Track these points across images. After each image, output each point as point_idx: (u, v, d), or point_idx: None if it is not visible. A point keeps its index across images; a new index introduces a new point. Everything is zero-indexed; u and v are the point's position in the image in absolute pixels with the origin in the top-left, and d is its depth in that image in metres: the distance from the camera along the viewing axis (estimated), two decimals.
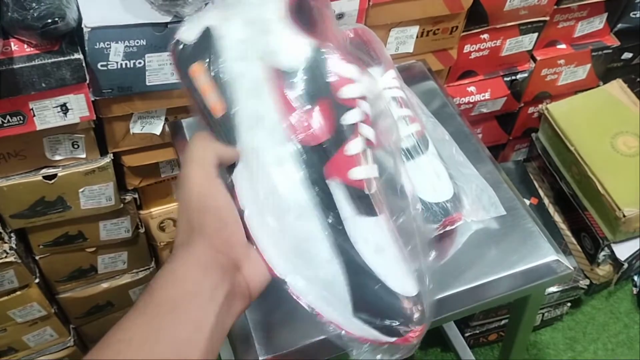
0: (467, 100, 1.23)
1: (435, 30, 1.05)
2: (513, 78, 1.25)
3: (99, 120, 0.90)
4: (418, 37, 1.04)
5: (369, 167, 0.50)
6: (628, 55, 1.39)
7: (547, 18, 1.17)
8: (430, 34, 1.05)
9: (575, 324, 1.44)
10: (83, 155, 0.93)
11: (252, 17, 0.51)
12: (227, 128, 0.50)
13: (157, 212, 1.11)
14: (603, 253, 1.30)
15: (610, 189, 1.21)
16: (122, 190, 1.03)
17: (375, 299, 0.48)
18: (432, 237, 0.69)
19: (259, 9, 0.50)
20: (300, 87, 0.48)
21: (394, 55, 1.04)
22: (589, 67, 1.34)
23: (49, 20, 0.72)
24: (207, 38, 0.51)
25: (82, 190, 0.96)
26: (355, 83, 0.50)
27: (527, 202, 1.09)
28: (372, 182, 0.50)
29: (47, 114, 0.83)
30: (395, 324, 0.48)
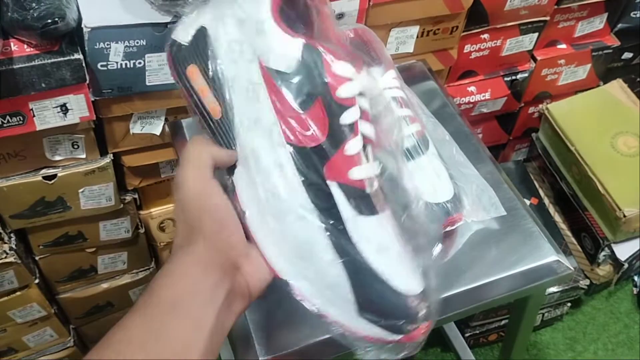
0: (467, 100, 1.23)
1: (436, 30, 1.05)
2: (513, 78, 1.25)
3: (99, 121, 0.90)
4: (418, 37, 1.04)
5: (369, 165, 0.50)
6: (628, 55, 1.39)
7: (547, 18, 1.17)
8: (431, 34, 1.05)
9: (576, 324, 1.44)
10: (83, 156, 0.93)
11: (245, 16, 0.50)
12: (225, 130, 0.50)
13: (157, 212, 1.11)
14: (603, 253, 1.30)
15: (611, 189, 1.21)
16: (122, 191, 1.03)
17: (380, 299, 0.48)
18: (436, 232, 0.69)
19: (252, 9, 0.50)
20: (297, 87, 0.48)
21: (394, 55, 1.04)
22: (589, 67, 1.34)
23: (49, 21, 0.72)
24: (202, 38, 0.51)
25: (82, 191, 0.96)
26: (353, 81, 0.49)
27: (527, 202, 1.09)
28: (372, 180, 0.50)
29: (47, 114, 0.82)
30: (400, 323, 0.48)
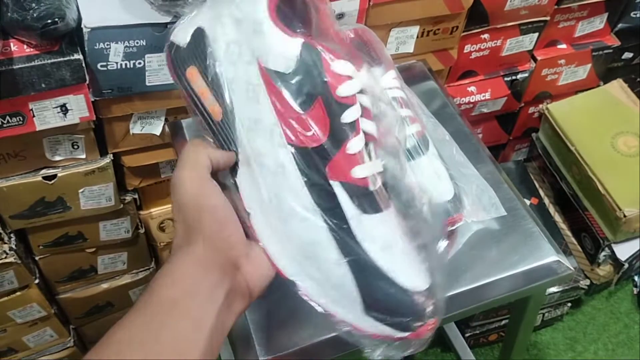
0: (467, 100, 1.23)
1: (436, 30, 1.05)
2: (513, 78, 1.25)
3: (99, 121, 0.90)
4: (418, 37, 1.04)
5: (372, 163, 0.50)
6: (628, 55, 1.39)
7: (547, 18, 1.17)
8: (431, 34, 1.05)
9: (576, 324, 1.44)
10: (83, 156, 0.93)
11: (242, 16, 0.50)
12: (227, 131, 0.50)
13: (157, 212, 1.11)
14: (603, 253, 1.30)
15: (611, 189, 1.21)
16: (122, 191, 1.03)
17: (386, 297, 0.48)
18: (440, 229, 0.68)
19: (249, 8, 0.49)
20: (297, 88, 0.48)
21: (394, 55, 1.04)
22: (590, 67, 1.34)
23: (49, 21, 0.72)
24: (200, 39, 0.51)
25: (82, 191, 0.96)
26: (353, 79, 0.49)
27: (527, 202, 1.09)
28: (376, 178, 0.50)
29: (46, 115, 0.82)
30: (407, 320, 0.48)
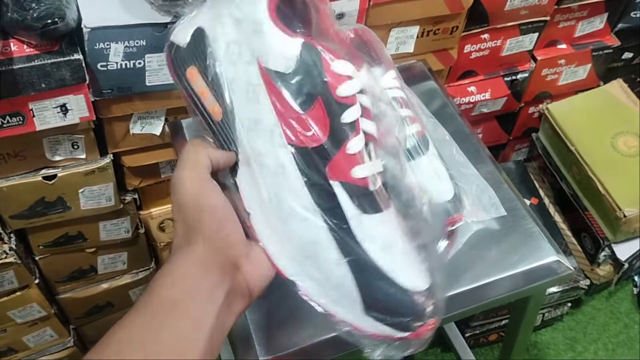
0: (467, 100, 1.23)
1: (436, 30, 1.05)
2: (513, 78, 1.25)
3: (99, 121, 0.90)
4: (418, 37, 1.04)
5: (372, 163, 0.50)
6: (628, 55, 1.39)
7: (547, 18, 1.17)
8: (431, 34, 1.05)
9: (576, 324, 1.44)
10: (83, 156, 0.93)
11: (242, 16, 0.50)
12: (227, 131, 0.50)
13: (157, 212, 1.11)
14: (603, 253, 1.30)
15: (611, 189, 1.21)
16: (122, 191, 1.03)
17: (386, 297, 0.48)
18: (440, 229, 0.68)
19: (249, 8, 0.49)
20: (297, 88, 0.48)
21: (394, 55, 1.04)
22: (590, 67, 1.34)
23: (49, 21, 0.72)
24: (200, 39, 0.51)
25: (82, 191, 0.96)
26: (353, 79, 0.49)
27: (527, 202, 1.09)
28: (376, 178, 0.50)
29: (46, 115, 0.82)
30: (407, 320, 0.48)
